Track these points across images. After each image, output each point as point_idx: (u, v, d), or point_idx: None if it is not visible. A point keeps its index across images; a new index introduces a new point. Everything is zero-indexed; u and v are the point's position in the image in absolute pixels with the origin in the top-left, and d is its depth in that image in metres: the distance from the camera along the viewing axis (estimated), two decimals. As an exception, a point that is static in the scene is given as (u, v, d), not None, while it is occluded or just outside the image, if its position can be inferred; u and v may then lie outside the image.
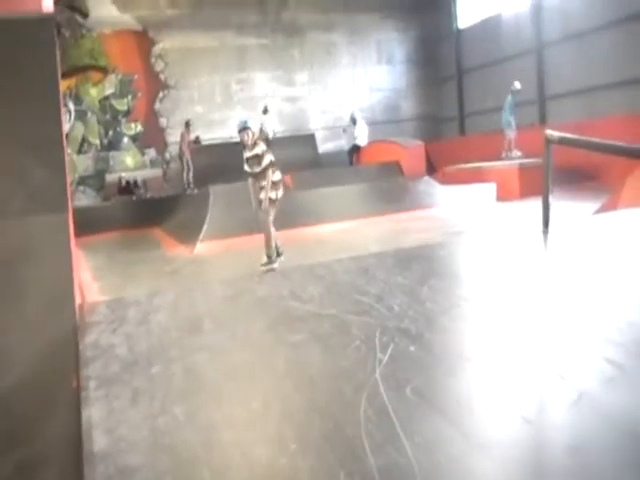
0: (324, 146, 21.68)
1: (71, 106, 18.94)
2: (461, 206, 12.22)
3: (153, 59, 20.25)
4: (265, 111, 17.39)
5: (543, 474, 1.34)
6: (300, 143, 20.26)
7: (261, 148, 7.31)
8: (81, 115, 19.44)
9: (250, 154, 7.38)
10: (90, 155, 19.56)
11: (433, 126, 24.00)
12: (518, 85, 14.96)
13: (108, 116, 19.84)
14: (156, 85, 20.37)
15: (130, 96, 20.11)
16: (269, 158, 7.31)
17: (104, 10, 18.91)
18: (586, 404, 1.58)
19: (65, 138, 2.64)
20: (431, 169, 17.60)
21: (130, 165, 19.99)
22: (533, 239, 4.31)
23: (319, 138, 21.66)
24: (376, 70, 23.33)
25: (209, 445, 1.59)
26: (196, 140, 17.32)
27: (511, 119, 15.04)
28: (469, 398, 1.74)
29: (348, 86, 22.91)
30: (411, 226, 10.37)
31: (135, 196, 18.24)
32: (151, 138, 20.30)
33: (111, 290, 6.87)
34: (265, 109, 17.48)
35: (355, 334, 2.32)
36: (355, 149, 17.00)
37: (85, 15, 18.15)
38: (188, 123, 17.02)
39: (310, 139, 21.14)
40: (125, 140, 20.12)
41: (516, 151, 14.89)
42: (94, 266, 9.16)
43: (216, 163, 17.15)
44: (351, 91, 22.88)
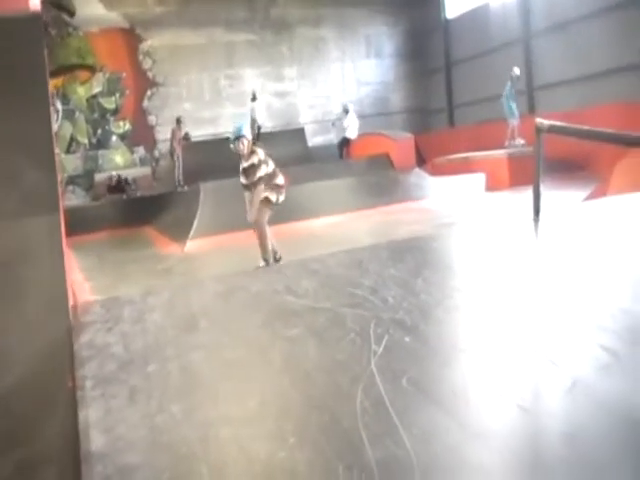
0: (314, 140, 21.70)
1: (59, 105, 18.83)
2: (451, 197, 12.26)
3: (141, 57, 20.16)
4: (254, 98, 17.36)
5: (539, 461, 1.35)
6: (290, 138, 20.27)
7: (258, 157, 6.63)
8: (69, 114, 19.34)
9: (247, 164, 6.71)
10: (79, 154, 19.46)
11: (422, 118, 24.03)
12: (517, 71, 14.77)
13: (96, 115, 19.74)
14: (144, 83, 20.29)
15: (118, 94, 20.02)
16: (264, 170, 6.65)
17: (91, 8, 18.80)
18: (581, 391, 1.59)
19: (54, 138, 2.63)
20: (421, 161, 17.63)
21: (119, 163, 19.92)
22: (524, 228, 4.33)
23: (309, 132, 21.70)
24: (365, 64, 23.34)
25: (207, 441, 1.60)
26: (186, 136, 17.25)
27: (513, 106, 14.69)
28: (465, 388, 1.75)
29: (337, 80, 22.91)
30: (402, 218, 10.40)
31: (126, 194, 18.18)
32: (140, 136, 20.23)
33: (103, 290, 6.86)
34: (254, 96, 17.42)
35: (350, 327, 2.33)
36: (345, 142, 16.93)
37: (72, 14, 18.00)
38: (179, 120, 16.97)
39: (300, 133, 21.17)
40: (114, 139, 20.04)
41: (519, 139, 14.55)
42: (85, 266, 9.13)
43: (206, 160, 17.15)
44: (340, 85, 22.90)
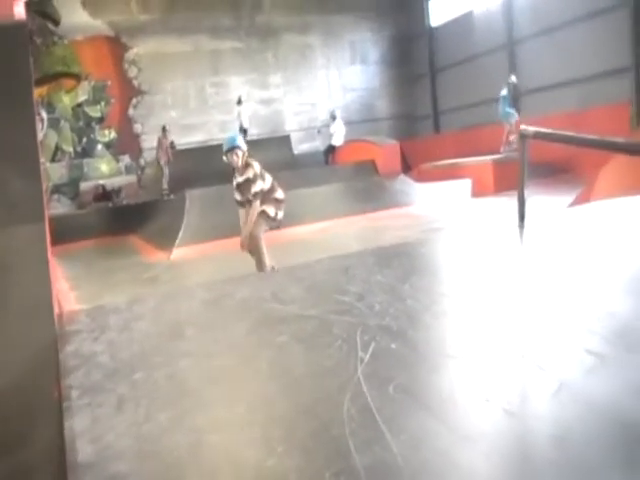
0: (300, 147, 21.76)
1: (44, 114, 18.74)
2: (437, 203, 12.31)
3: (126, 65, 20.14)
4: (239, 102, 17.57)
5: (528, 464, 1.36)
6: (275, 145, 20.29)
7: (253, 171, 6.03)
8: (54, 123, 19.27)
9: (241, 179, 6.13)
10: (64, 163, 19.37)
11: (408, 124, 24.16)
12: (514, 78, 14.83)
13: (81, 123, 19.68)
14: (130, 91, 20.26)
15: (103, 103, 19.97)
16: (260, 185, 6.04)
17: (76, 16, 18.76)
18: (567, 394, 1.60)
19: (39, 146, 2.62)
20: (406, 167, 17.70)
21: (105, 172, 19.85)
22: (509, 234, 4.36)
23: (294, 139, 21.74)
24: (350, 70, 23.45)
25: (195, 449, 1.59)
26: (171, 145, 17.30)
27: (509, 111, 14.71)
28: (452, 393, 1.75)
29: (323, 87, 22.99)
30: (389, 224, 10.43)
31: (112, 203, 18.12)
32: (125, 144, 20.19)
33: (89, 299, 6.83)
34: (239, 100, 17.74)
35: (337, 334, 2.33)
36: (331, 149, 17.00)
37: (56, 22, 17.96)
38: (164, 128, 17.04)
39: (285, 141, 21.20)
40: (99, 147, 19.98)
41: (514, 144, 14.38)
42: (71, 275, 9.08)
43: (192, 167, 17.17)
44: (326, 92, 22.97)
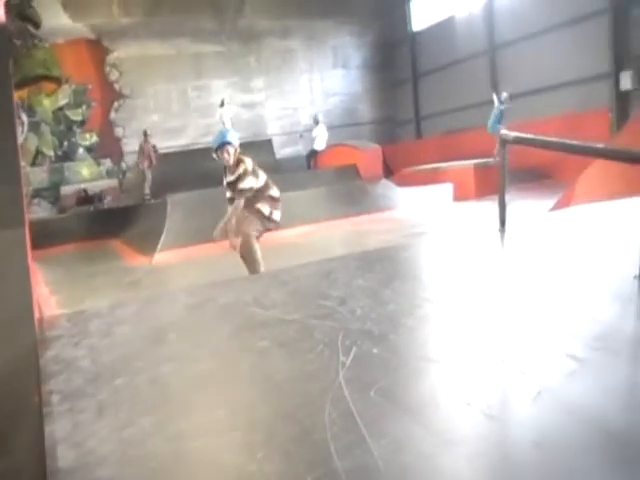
0: (282, 151, 21.69)
1: (24, 117, 18.56)
2: (420, 207, 12.36)
3: (108, 68, 19.98)
4: (222, 104, 17.74)
5: (509, 468, 1.37)
6: (257, 149, 20.18)
7: (245, 167, 5.57)
8: (34, 126, 19.06)
9: (233, 177, 5.63)
10: (44, 167, 19.17)
11: (390, 129, 24.23)
12: (506, 94, 14.88)
13: (62, 127, 19.49)
14: (111, 94, 20.11)
15: (84, 106, 19.79)
16: (250, 183, 5.56)
17: (57, 19, 18.54)
18: (547, 398, 1.62)
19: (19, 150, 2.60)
20: (388, 172, 17.74)
21: (86, 176, 19.69)
22: (490, 238, 4.39)
23: (277, 144, 21.68)
24: (332, 75, 23.47)
25: (177, 454, 1.59)
26: (154, 149, 17.25)
27: (498, 126, 14.63)
28: (433, 397, 1.77)
29: (305, 91, 22.99)
30: (372, 228, 10.45)
31: (93, 207, 18.00)
32: (107, 148, 20.03)
33: (70, 304, 6.76)
34: (222, 102, 17.85)
35: (318, 338, 2.34)
36: (313, 154, 17.01)
37: (37, 25, 17.78)
38: (146, 133, 17.02)
39: (267, 145, 21.11)
40: (80, 151, 19.80)
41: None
42: (51, 280, 9.00)
43: (174, 171, 17.08)
44: (308, 96, 22.97)
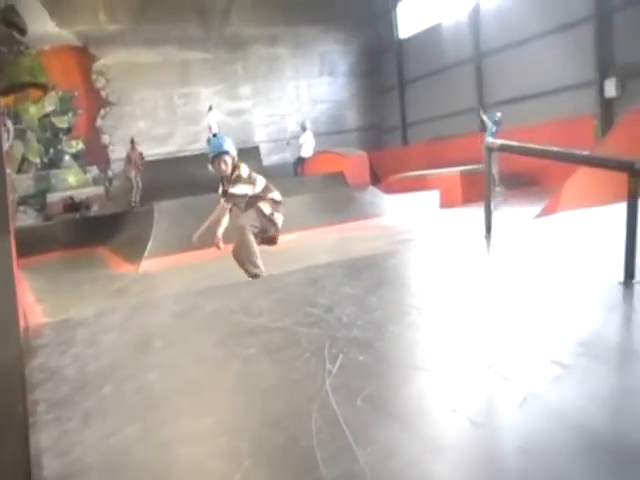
0: (269, 159, 21.71)
1: (10, 125, 18.48)
2: (406, 214, 12.39)
3: (94, 76, 19.94)
4: (210, 108, 18.08)
5: (495, 474, 1.38)
6: (244, 156, 20.11)
7: (238, 172, 5.35)
8: (20, 134, 18.99)
9: (231, 186, 5.39)
10: (30, 174, 19.10)
11: (376, 136, 24.32)
12: (499, 115, 14.98)
13: (48, 134, 19.42)
14: (98, 102, 20.07)
15: (71, 113, 19.74)
16: (243, 190, 5.30)
17: (43, 26, 18.49)
18: (533, 404, 1.63)
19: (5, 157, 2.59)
20: (375, 179, 17.79)
21: (72, 183, 19.63)
22: (477, 245, 4.41)
23: (263, 151, 21.72)
24: (319, 82, 23.54)
25: (164, 462, 1.59)
26: (140, 157, 17.23)
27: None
28: (420, 404, 1.77)
29: (292, 99, 23.04)
30: (359, 235, 10.46)
31: (79, 214, 17.90)
32: (93, 155, 19.98)
33: (55, 312, 6.70)
34: (210, 107, 18.20)
35: (305, 346, 2.34)
36: (300, 161, 17.04)
37: (23, 32, 17.68)
38: (133, 141, 17.03)
39: (254, 152, 21.12)
40: (66, 158, 19.74)
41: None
42: (37, 287, 8.93)
43: (161, 179, 17.04)
44: (295, 104, 23.01)
